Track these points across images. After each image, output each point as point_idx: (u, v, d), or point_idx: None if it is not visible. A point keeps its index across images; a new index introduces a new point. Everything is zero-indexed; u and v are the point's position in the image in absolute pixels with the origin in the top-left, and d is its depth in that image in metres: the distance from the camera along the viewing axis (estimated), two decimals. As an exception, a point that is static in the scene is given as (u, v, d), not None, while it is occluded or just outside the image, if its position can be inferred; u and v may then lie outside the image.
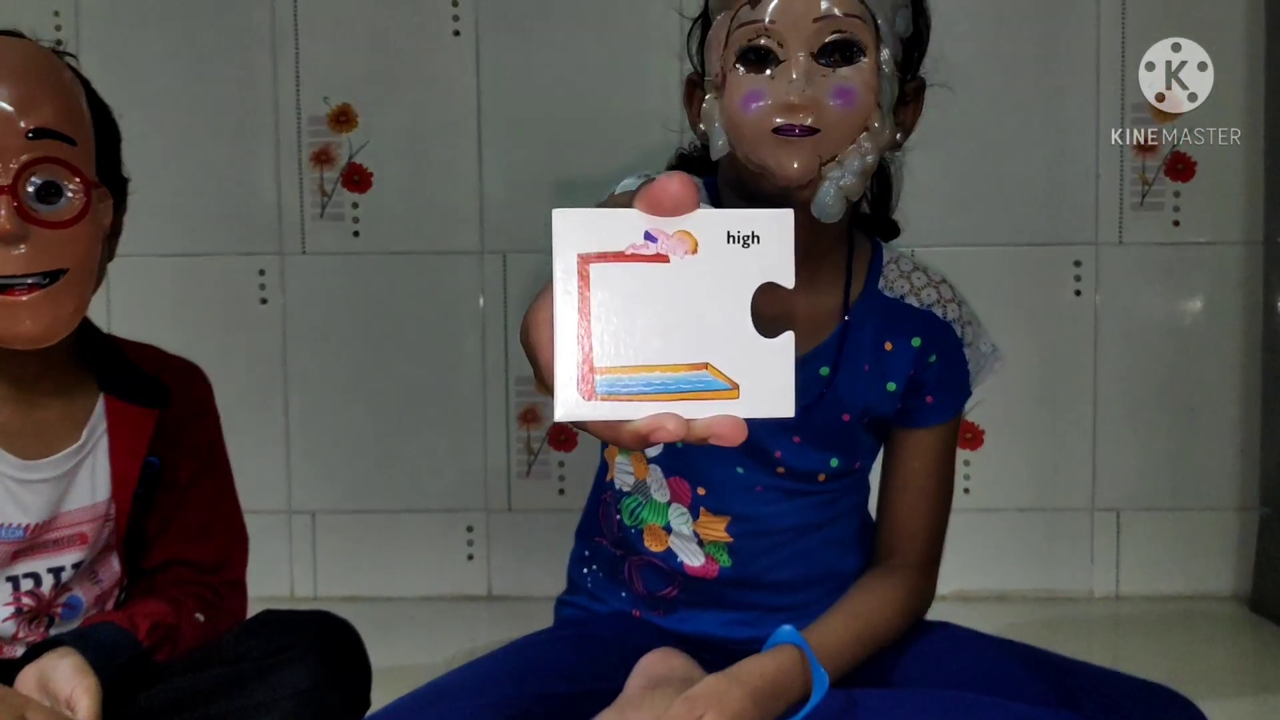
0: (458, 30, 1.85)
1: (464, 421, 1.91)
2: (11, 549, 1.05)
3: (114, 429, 1.10)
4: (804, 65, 0.96)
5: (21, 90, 0.97)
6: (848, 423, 1.10)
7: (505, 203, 1.88)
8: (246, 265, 1.87)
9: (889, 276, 1.12)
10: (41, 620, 1.08)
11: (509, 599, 1.89)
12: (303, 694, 1.03)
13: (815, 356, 1.09)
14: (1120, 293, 1.86)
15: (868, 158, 0.97)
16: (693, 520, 1.12)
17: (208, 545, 1.17)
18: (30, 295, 0.97)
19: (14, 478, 1.05)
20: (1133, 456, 1.89)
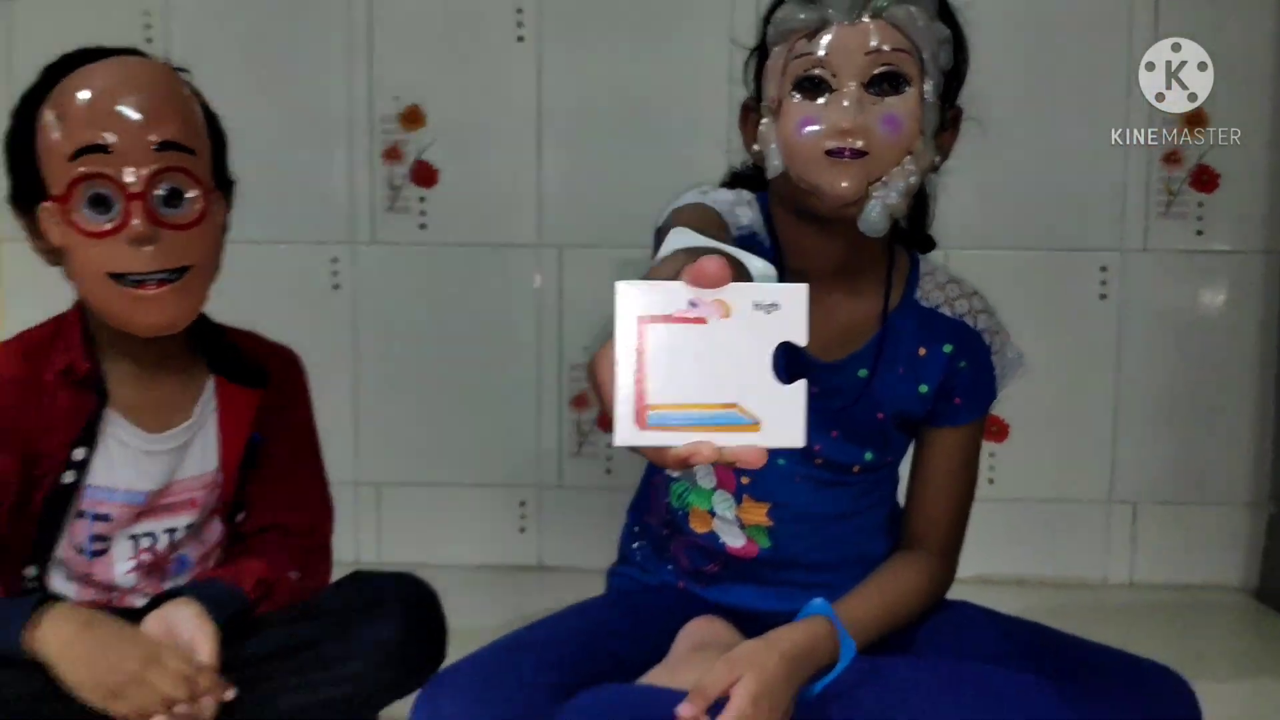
0: (521, 37, 1.95)
1: (519, 403, 2.02)
2: (134, 511, 1.18)
3: (223, 407, 1.23)
4: (855, 94, 1.05)
5: (149, 106, 1.09)
6: (882, 421, 1.21)
7: (561, 200, 1.98)
8: (320, 253, 1.99)
9: (925, 287, 1.22)
10: (157, 574, 1.22)
11: (558, 569, 2.00)
12: (388, 645, 1.16)
13: (855, 359, 1.20)
14: (1143, 297, 1.94)
15: (911, 179, 1.06)
16: (736, 506, 1.23)
17: (300, 512, 1.29)
18: (159, 290, 1.10)
19: (138, 448, 1.18)
20: (1150, 453, 1.96)
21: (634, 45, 1.95)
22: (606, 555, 1.45)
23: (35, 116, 1.10)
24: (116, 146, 1.06)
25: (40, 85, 1.12)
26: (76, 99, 1.07)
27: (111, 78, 1.09)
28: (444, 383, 2.02)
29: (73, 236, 1.08)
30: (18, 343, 1.17)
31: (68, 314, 1.19)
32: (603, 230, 1.95)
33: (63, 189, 1.07)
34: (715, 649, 1.19)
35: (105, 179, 1.06)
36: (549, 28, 1.95)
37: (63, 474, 1.14)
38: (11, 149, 1.14)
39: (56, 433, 1.14)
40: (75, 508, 1.16)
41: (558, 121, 1.97)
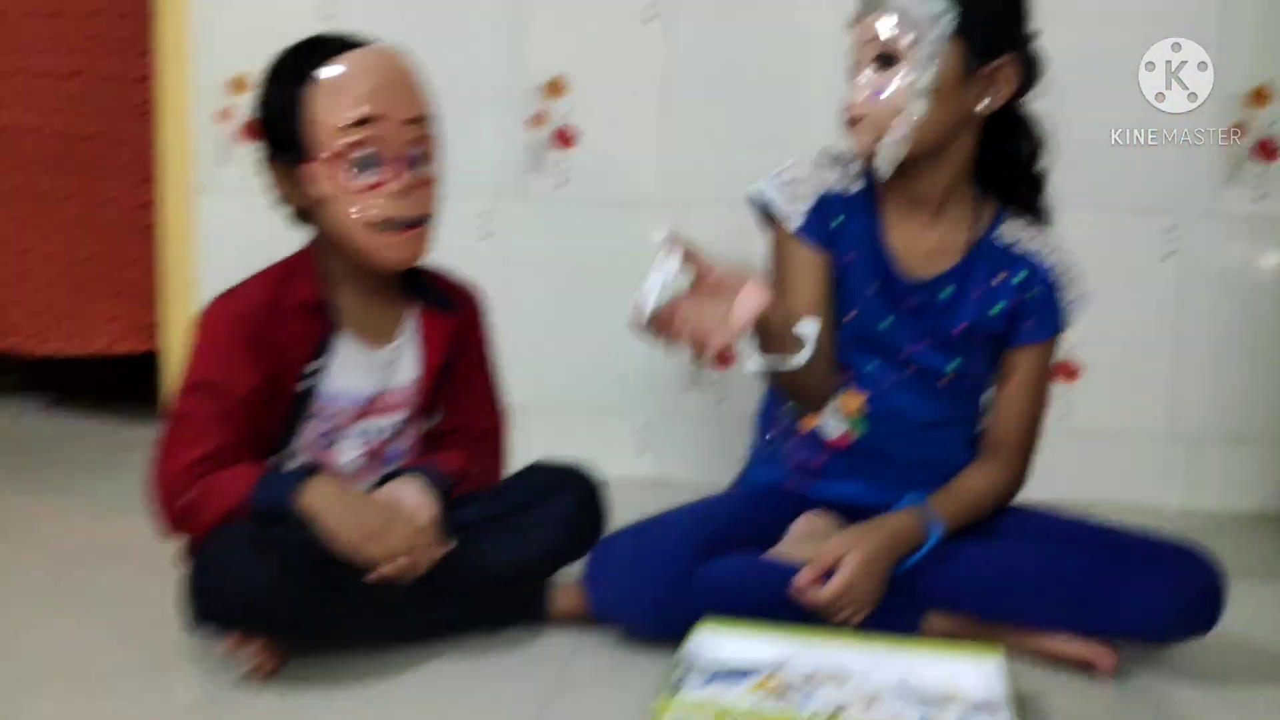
0: (652, 17, 2.17)
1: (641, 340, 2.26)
2: (355, 411, 1.47)
3: (423, 330, 1.51)
4: (863, 76, 1.39)
5: (403, 87, 1.38)
6: (962, 333, 1.46)
7: (685, 160, 2.19)
8: (472, 207, 2.23)
9: (1005, 229, 1.49)
10: (374, 464, 1.51)
11: (672, 485, 2.12)
12: (564, 518, 1.45)
13: (940, 280, 1.47)
14: (1206, 256, 2.08)
15: (903, 130, 1.37)
16: (838, 396, 1.49)
17: (481, 416, 1.58)
18: (407, 234, 1.39)
19: (359, 361, 1.46)
20: (1207, 393, 2.11)
21: (752, 23, 2.14)
22: (713, 474, 1.68)
23: (300, 89, 1.34)
24: (383, 120, 1.34)
25: (296, 65, 1.37)
26: (349, 77, 1.33)
27: (372, 63, 1.36)
28: (577, 320, 2.25)
29: (340, 189, 1.35)
30: (263, 277, 1.44)
31: (301, 253, 1.46)
32: (720, 188, 2.14)
33: (337, 151, 1.34)
34: (822, 537, 1.47)
35: (375, 145, 1.34)
36: (679, 9, 2.16)
37: (303, 382, 1.42)
38: (274, 117, 1.39)
39: (298, 348, 1.41)
40: (311, 409, 1.45)
41: (683, 92, 2.18)
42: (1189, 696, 1.34)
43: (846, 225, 1.47)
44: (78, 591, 1.60)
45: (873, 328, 1.47)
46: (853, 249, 1.47)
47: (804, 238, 1.47)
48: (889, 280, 1.46)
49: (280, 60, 1.41)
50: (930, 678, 1.27)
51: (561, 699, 1.28)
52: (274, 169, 1.41)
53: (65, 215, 2.50)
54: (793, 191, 1.49)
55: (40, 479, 2.22)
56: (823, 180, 1.49)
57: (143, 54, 2.41)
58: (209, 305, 1.42)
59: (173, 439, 1.36)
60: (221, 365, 1.37)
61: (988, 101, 1.40)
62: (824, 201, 1.47)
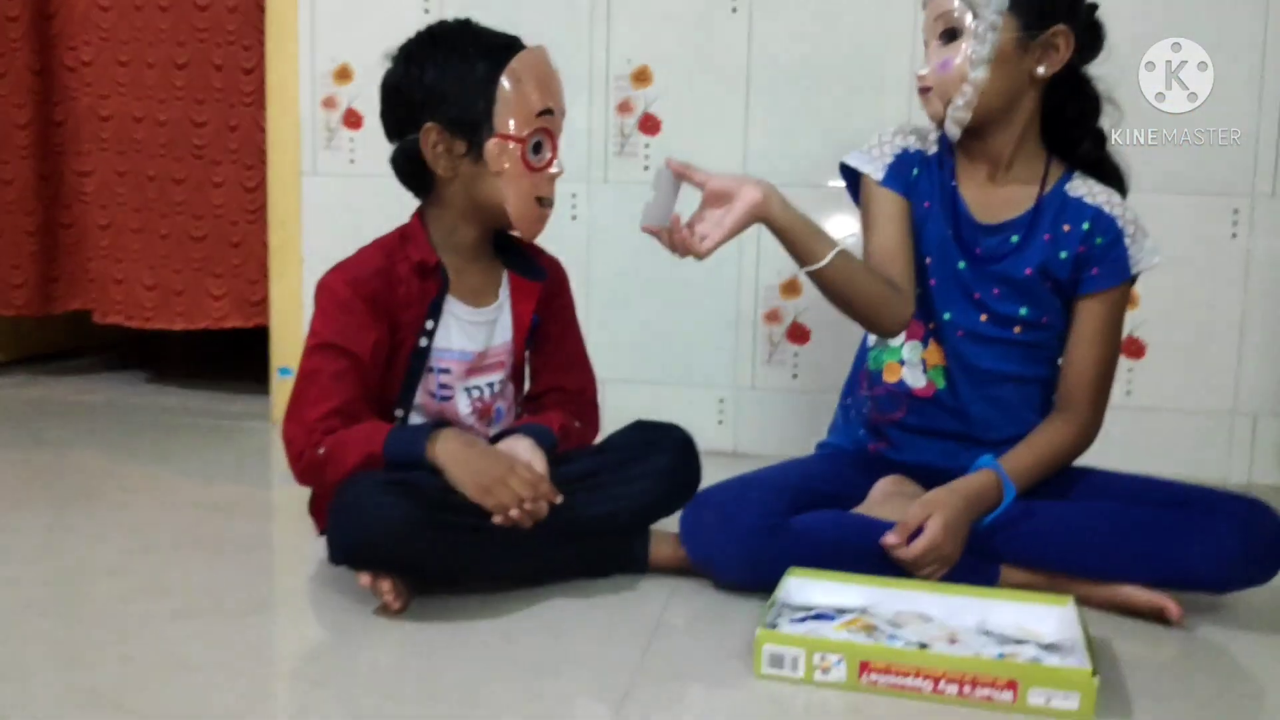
0: (735, 8, 2.27)
1: (721, 317, 2.34)
2: (465, 367, 1.59)
3: (515, 294, 1.63)
4: (931, 50, 1.54)
5: (560, 87, 1.54)
6: (1030, 276, 1.56)
7: (764, 147, 2.29)
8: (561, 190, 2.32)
9: (1074, 185, 1.59)
10: (484, 419, 1.64)
11: (749, 455, 2.31)
12: (664, 471, 1.56)
13: (1009, 226, 1.59)
14: (1271, 236, 2.14)
15: (966, 96, 1.51)
16: (923, 349, 1.60)
17: (573, 375, 1.70)
18: (549, 210, 1.55)
19: (466, 319, 1.59)
20: (1270, 372, 2.17)
21: (828, 14, 2.24)
22: (789, 446, 1.77)
23: (492, 71, 1.46)
24: (556, 112, 1.51)
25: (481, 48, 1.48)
26: (536, 73, 1.49)
27: (546, 62, 1.53)
28: (660, 299, 2.35)
29: (520, 167, 1.49)
30: (377, 246, 1.57)
31: (411, 224, 1.58)
32: (798, 172, 2.25)
33: (525, 133, 1.48)
34: (901, 498, 1.57)
35: (547, 133, 1.50)
36: (758, 1, 2.26)
37: (419, 339, 1.55)
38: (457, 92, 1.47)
39: (412, 308, 1.54)
40: (427, 364, 1.57)
41: (763, 79, 2.28)
42: (1249, 645, 1.42)
43: (922, 177, 1.63)
44: (211, 539, 1.74)
45: (951, 267, 1.59)
46: (928, 198, 1.62)
47: (887, 186, 1.62)
48: (962, 225, 1.58)
49: (453, 38, 1.51)
50: (1006, 621, 1.37)
51: (663, 637, 1.39)
52: (435, 135, 1.49)
53: (177, 197, 2.66)
54: (875, 153, 1.65)
55: (155, 447, 2.39)
56: (902, 143, 1.64)
57: (249, 46, 2.57)
58: (328, 274, 1.54)
59: (301, 396, 1.50)
60: (343, 326, 1.49)
61: (1044, 67, 1.52)
62: (903, 157, 1.63)
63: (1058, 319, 1.59)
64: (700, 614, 1.47)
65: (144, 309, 2.72)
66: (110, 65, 2.66)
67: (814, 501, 1.56)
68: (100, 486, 2.05)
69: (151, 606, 1.45)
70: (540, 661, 1.31)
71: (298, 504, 1.70)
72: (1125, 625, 1.46)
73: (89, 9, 2.65)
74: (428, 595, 1.47)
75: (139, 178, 2.68)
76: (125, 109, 2.67)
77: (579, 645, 1.36)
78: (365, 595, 1.45)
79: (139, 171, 2.68)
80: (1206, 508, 1.47)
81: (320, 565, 1.59)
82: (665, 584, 1.56)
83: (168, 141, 2.64)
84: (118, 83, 2.66)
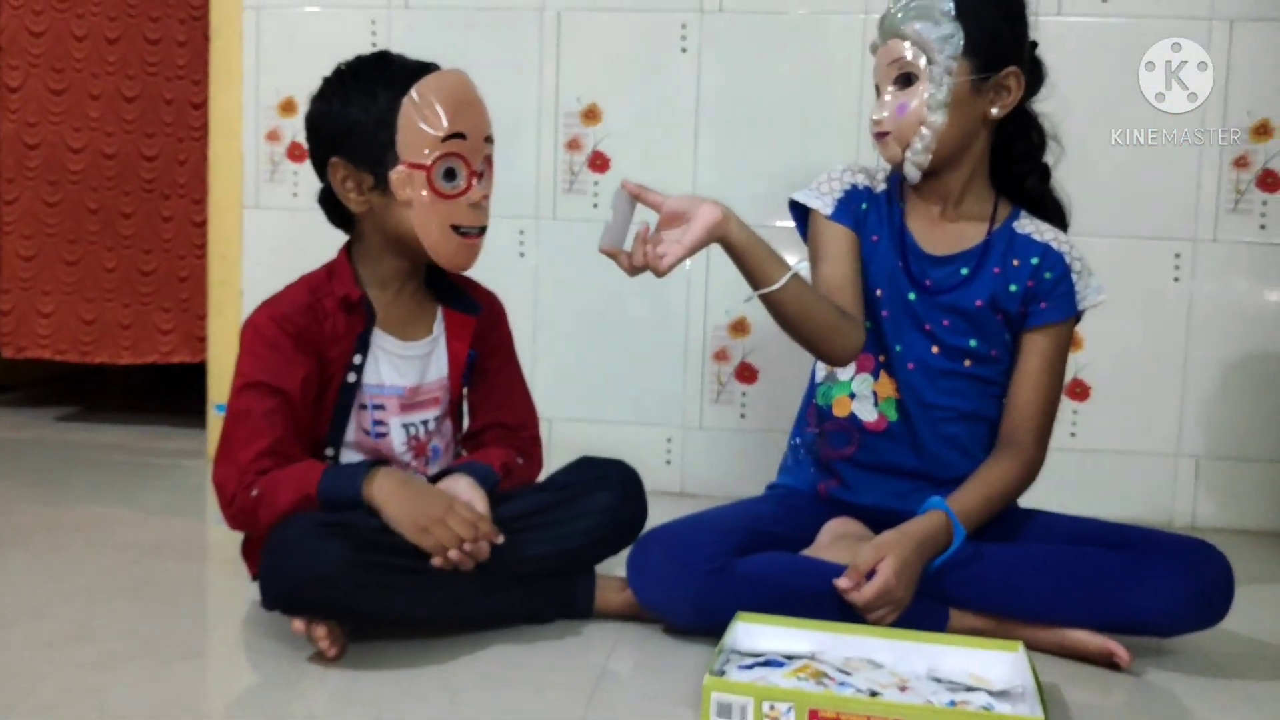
0: (685, 48, 2.28)
1: (669, 356, 2.32)
2: (399, 403, 1.56)
3: (449, 328, 1.60)
4: (887, 95, 1.54)
5: (482, 110, 1.49)
6: (980, 308, 1.57)
7: (713, 185, 2.27)
8: (511, 226, 2.32)
9: (1022, 222, 1.61)
10: (421, 457, 1.60)
11: (696, 495, 2.30)
12: (608, 509, 1.53)
13: (957, 259, 1.59)
14: (1212, 281, 2.17)
15: (925, 140, 1.52)
16: (874, 381, 1.59)
17: (512, 411, 1.66)
18: (475, 240, 1.51)
19: (396, 353, 1.56)
20: (1213, 414, 2.19)
21: (777, 55, 2.25)
22: (737, 485, 1.76)
23: (393, 100, 1.42)
24: (469, 137, 1.45)
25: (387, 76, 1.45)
26: (443, 96, 1.44)
27: (458, 83, 1.47)
28: (607, 337, 2.33)
29: (427, 195, 1.45)
30: (302, 282, 1.54)
31: (337, 259, 1.56)
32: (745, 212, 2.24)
33: (429, 160, 1.44)
34: (850, 539, 1.56)
35: (459, 158, 1.45)
36: (707, 42, 2.27)
37: (347, 374, 1.51)
38: (362, 122, 1.44)
39: (340, 343, 1.51)
40: (358, 401, 1.53)
41: (712, 118, 2.28)
42: (1199, 690, 1.42)
43: (871, 212, 1.64)
44: (142, 582, 1.68)
45: (901, 297, 1.60)
46: (877, 232, 1.62)
47: (837, 220, 1.62)
48: (910, 257, 1.59)
49: (360, 70, 1.49)
50: (956, 668, 1.35)
51: (608, 685, 1.36)
52: (342, 170, 1.49)
53: (125, 231, 2.61)
54: (824, 189, 1.65)
55: (85, 485, 2.31)
56: (851, 179, 1.66)
57: (198, 80, 2.53)
58: (254, 313, 1.52)
59: (231, 437, 1.46)
60: (270, 363, 1.46)
61: (997, 109, 1.55)
62: (852, 193, 1.64)
63: (1005, 354, 1.60)
64: (646, 660, 1.44)
65: (80, 343, 2.65)
66: (40, 92, 2.60)
67: (763, 543, 1.54)
68: (23, 526, 1.97)
69: (75, 653, 1.39)
70: (480, 713, 1.27)
71: (232, 545, 1.65)
72: (1075, 671, 1.45)
73: (18, 33, 2.60)
74: (364, 641, 1.42)
75: (77, 209, 2.63)
76: (58, 138, 2.61)
77: (520, 695, 1.32)
78: (300, 641, 1.40)
79: (77, 203, 2.62)
80: (1155, 550, 1.47)
81: (254, 609, 1.54)
82: (611, 630, 1.53)
83: (115, 175, 2.60)
84: (49, 111, 2.60)
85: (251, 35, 2.41)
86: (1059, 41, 2.14)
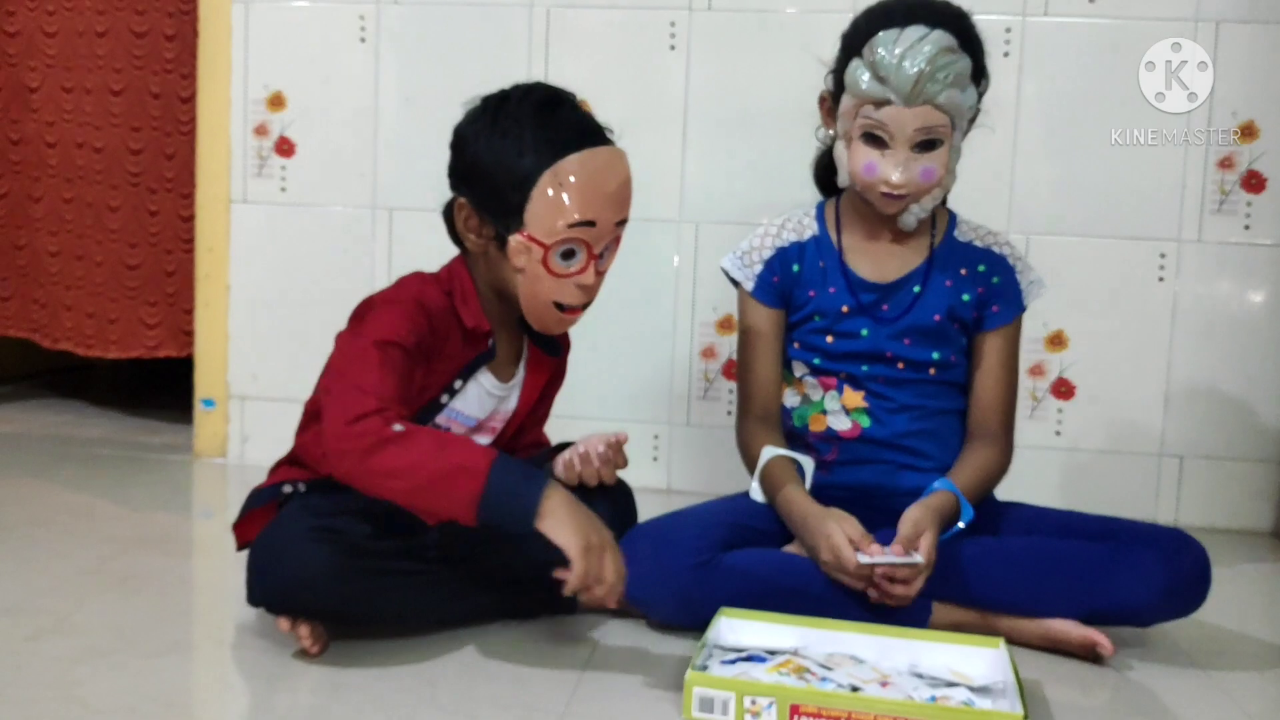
0: (673, 46, 2.28)
1: (657, 354, 2.32)
2: (463, 429, 1.53)
3: (531, 365, 1.59)
4: (903, 155, 1.50)
5: (622, 196, 1.43)
6: (939, 322, 1.59)
7: (701, 183, 2.28)
8: None
9: (962, 229, 1.65)
10: None
11: (683, 492, 2.30)
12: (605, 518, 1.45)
13: (908, 279, 1.62)
14: (1197, 281, 2.18)
15: (937, 199, 1.54)
16: (839, 396, 1.61)
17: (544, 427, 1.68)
18: (576, 315, 1.47)
19: (488, 391, 1.54)
20: (1197, 414, 2.20)
21: (765, 53, 2.25)
22: (723, 482, 1.77)
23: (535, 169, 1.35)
24: (598, 225, 1.39)
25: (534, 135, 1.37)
26: (585, 185, 1.36)
27: (605, 166, 1.40)
28: (595, 333, 2.23)
29: (539, 270, 1.39)
30: (432, 285, 1.46)
31: (461, 281, 1.48)
32: (732, 209, 2.27)
33: (551, 242, 1.37)
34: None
35: (583, 243, 1.39)
36: (696, 39, 2.27)
37: (440, 395, 1.48)
38: (499, 177, 1.37)
39: (447, 362, 1.47)
40: (435, 418, 1.50)
41: (701, 115, 2.28)
42: (1179, 684, 1.43)
43: (805, 267, 1.64)
44: (124, 575, 1.68)
45: (855, 340, 1.61)
46: (817, 284, 1.63)
47: (758, 298, 1.65)
48: (860, 294, 1.59)
49: (522, 115, 1.40)
50: (937, 663, 1.36)
51: (591, 679, 1.36)
52: (467, 211, 1.44)
53: (113, 225, 2.60)
54: (747, 259, 1.67)
55: (71, 478, 2.31)
56: (775, 241, 1.66)
57: (187, 75, 2.52)
58: (400, 289, 1.45)
59: (358, 373, 1.34)
60: (405, 333, 1.38)
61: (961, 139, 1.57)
62: (776, 261, 1.65)
63: (963, 357, 1.64)
64: (630, 655, 1.44)
65: (86, 336, 2.66)
66: (56, 92, 2.60)
67: (747, 539, 1.55)
68: (7, 518, 1.97)
69: (56, 646, 1.38)
70: (463, 707, 1.27)
71: (217, 539, 1.65)
72: (1055, 666, 1.46)
73: (34, 34, 2.59)
74: (347, 636, 1.42)
75: (81, 205, 2.62)
76: (69, 136, 2.61)
77: (503, 689, 1.32)
78: (283, 637, 1.40)
79: (81, 199, 2.62)
80: (1133, 540, 1.49)
81: (238, 604, 1.53)
82: (596, 624, 1.54)
83: (104, 168, 2.59)
84: (63, 109, 2.60)
85: (240, 29, 2.40)
86: (1045, 42, 2.18)
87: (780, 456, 1.56)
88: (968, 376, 1.64)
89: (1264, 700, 1.42)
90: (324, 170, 2.40)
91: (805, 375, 1.65)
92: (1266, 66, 2.13)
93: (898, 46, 1.45)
